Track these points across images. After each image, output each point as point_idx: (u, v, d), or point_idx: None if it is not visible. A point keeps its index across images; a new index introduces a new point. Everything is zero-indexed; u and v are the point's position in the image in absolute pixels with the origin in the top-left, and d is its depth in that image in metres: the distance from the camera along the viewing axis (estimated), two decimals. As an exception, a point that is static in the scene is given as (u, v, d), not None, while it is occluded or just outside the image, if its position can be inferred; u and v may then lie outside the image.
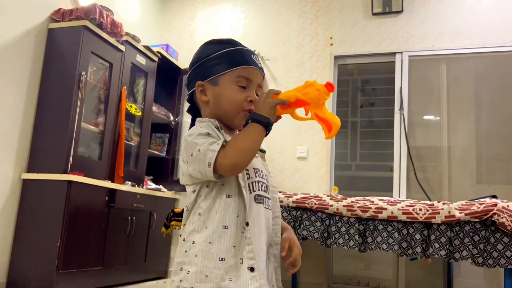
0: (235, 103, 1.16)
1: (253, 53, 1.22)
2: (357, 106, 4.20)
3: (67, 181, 2.80)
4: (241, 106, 1.16)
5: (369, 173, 4.06)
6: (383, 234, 2.52)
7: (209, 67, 1.19)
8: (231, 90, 1.17)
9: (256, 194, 1.14)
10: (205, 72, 1.20)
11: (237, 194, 1.10)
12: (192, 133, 1.11)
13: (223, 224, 1.07)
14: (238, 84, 1.17)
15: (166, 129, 4.26)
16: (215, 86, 1.18)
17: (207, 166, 1.04)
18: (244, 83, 1.17)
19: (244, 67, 1.18)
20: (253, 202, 1.13)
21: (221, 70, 1.18)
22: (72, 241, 2.81)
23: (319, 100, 1.07)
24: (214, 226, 1.07)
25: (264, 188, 1.18)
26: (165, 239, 3.81)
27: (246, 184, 1.12)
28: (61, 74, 3.05)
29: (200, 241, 1.08)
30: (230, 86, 1.17)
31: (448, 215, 2.39)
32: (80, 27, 3.06)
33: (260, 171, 1.19)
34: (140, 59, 3.73)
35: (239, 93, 1.16)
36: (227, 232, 1.07)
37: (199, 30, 4.43)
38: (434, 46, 3.70)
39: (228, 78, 1.17)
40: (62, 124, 2.95)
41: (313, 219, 2.68)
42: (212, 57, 1.20)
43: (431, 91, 3.77)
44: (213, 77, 1.18)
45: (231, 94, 1.16)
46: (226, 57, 1.19)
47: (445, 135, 3.66)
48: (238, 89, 1.17)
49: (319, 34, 4.02)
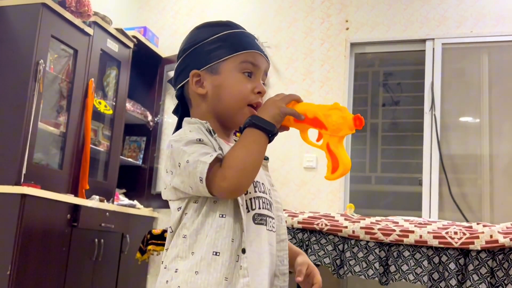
0: (240, 94, 1.16)
1: (254, 37, 1.24)
2: (378, 104, 4.22)
3: (20, 195, 2.79)
4: (247, 98, 1.16)
5: (393, 188, 4.08)
6: (410, 262, 2.53)
7: (206, 52, 1.18)
8: (236, 79, 1.17)
9: (256, 214, 1.14)
10: (200, 59, 1.19)
11: (233, 213, 1.09)
12: (179, 138, 1.10)
13: (213, 250, 1.07)
14: (243, 71, 1.17)
15: (142, 132, 4.27)
16: (214, 76, 1.18)
17: (198, 181, 1.04)
18: (251, 68, 1.18)
19: (249, 51, 1.18)
20: (252, 223, 1.12)
21: (221, 56, 1.17)
22: (25, 269, 2.80)
23: (340, 130, 1.09)
24: (203, 252, 1.07)
25: (267, 206, 1.18)
26: (140, 267, 3.81)
27: (243, 201, 1.11)
28: (14, 63, 3.05)
29: (185, 270, 1.07)
30: (233, 74, 1.17)
31: (489, 240, 2.40)
32: (38, 4, 3.06)
33: (261, 185, 1.19)
34: (111, 45, 3.74)
35: (245, 83, 1.17)
36: (218, 260, 1.06)
37: (184, 10, 4.45)
38: (473, 31, 3.72)
39: (231, 65, 1.17)
40: (14, 124, 2.95)
41: (323, 242, 2.69)
42: (209, 40, 1.19)
43: (469, 87, 3.79)
44: (212, 64, 1.18)
45: (236, 84, 1.16)
46: (227, 40, 1.19)
47: (486, 141, 3.67)
48: (243, 77, 1.17)
49: (331, 16, 4.04)
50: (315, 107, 1.12)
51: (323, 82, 3.95)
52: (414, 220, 2.69)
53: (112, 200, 3.65)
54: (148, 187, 4.18)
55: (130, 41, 3.94)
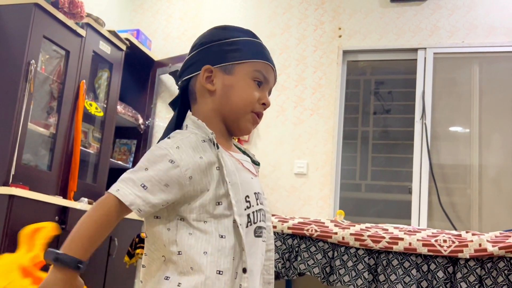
0: (248, 99, 1.17)
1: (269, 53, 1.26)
2: (369, 112, 4.24)
3: (7, 196, 2.77)
4: (252, 105, 1.18)
5: (383, 196, 4.09)
6: (398, 272, 2.53)
7: (223, 51, 1.19)
8: (247, 84, 1.18)
9: (257, 226, 1.14)
10: (216, 57, 1.19)
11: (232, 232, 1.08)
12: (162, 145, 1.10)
13: (217, 269, 1.06)
14: (254, 79, 1.19)
15: (133, 134, 4.25)
16: (227, 75, 1.18)
17: None
18: (262, 79, 1.20)
19: (265, 62, 1.21)
20: (253, 236, 1.12)
21: (239, 58, 1.18)
22: (11, 271, 2.78)
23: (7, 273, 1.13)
24: (208, 271, 1.05)
25: (263, 217, 1.18)
26: (128, 270, 3.78)
27: (245, 215, 1.11)
28: (5, 62, 3.03)
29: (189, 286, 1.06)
30: (246, 79, 1.18)
31: (478, 249, 2.41)
32: (30, 4, 3.05)
33: (260, 196, 1.19)
34: (104, 47, 3.73)
35: (255, 90, 1.19)
36: (221, 279, 1.05)
37: (177, 14, 4.46)
38: (464, 42, 3.76)
39: (246, 70, 1.18)
40: (3, 124, 2.93)
41: (313, 250, 2.69)
42: (229, 41, 1.20)
43: (460, 97, 3.82)
44: (228, 64, 1.18)
45: (247, 88, 1.18)
46: (246, 45, 1.21)
47: (476, 151, 3.70)
48: (254, 85, 1.19)
49: (325, 24, 4.07)
50: None
51: (315, 89, 3.96)
52: (403, 227, 2.70)
53: (101, 203, 3.63)
54: (137, 190, 4.15)
55: (123, 43, 3.93)
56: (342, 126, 3.95)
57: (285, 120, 3.95)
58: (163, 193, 1.05)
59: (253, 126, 1.21)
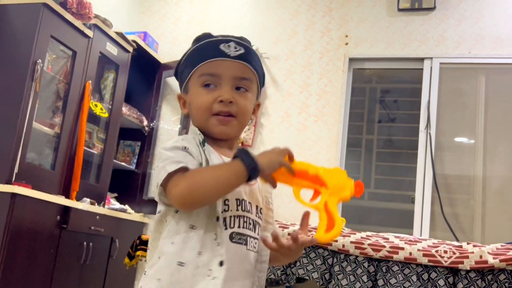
0: (201, 107, 1.18)
1: (227, 41, 1.21)
2: (374, 121, 4.23)
3: (10, 194, 2.78)
4: (208, 109, 1.17)
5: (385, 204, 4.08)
6: (398, 277, 2.53)
7: (180, 74, 1.26)
8: (196, 93, 1.19)
9: (233, 232, 1.12)
10: (180, 82, 1.27)
11: (204, 226, 1.09)
12: (170, 143, 1.14)
13: (178, 260, 1.07)
14: (203, 85, 1.19)
15: (137, 136, 4.26)
16: (187, 95, 1.23)
17: (155, 187, 1.08)
18: (210, 80, 1.18)
19: (206, 62, 1.19)
20: (228, 241, 1.11)
21: (187, 75, 1.22)
22: (12, 269, 2.78)
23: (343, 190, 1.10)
24: (167, 260, 1.08)
25: (248, 225, 1.16)
26: (128, 272, 3.78)
27: (221, 217, 1.11)
28: (12, 61, 3.05)
29: (149, 275, 1.10)
30: (195, 90, 1.20)
31: (479, 261, 2.40)
32: (39, 4, 3.07)
33: (247, 204, 1.18)
34: (110, 48, 3.75)
35: (204, 95, 1.18)
36: (181, 270, 1.06)
37: (185, 17, 4.47)
38: (471, 52, 3.75)
39: (193, 81, 1.21)
40: (8, 122, 2.94)
41: (313, 256, 2.68)
42: (182, 62, 1.25)
43: (465, 108, 3.81)
44: (183, 84, 1.24)
45: (196, 98, 1.19)
46: (190, 56, 1.23)
47: (480, 163, 3.68)
48: (203, 90, 1.18)
49: (332, 31, 4.07)
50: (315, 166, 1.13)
51: (320, 96, 3.96)
52: (404, 237, 2.69)
53: (103, 203, 3.64)
54: (140, 192, 4.16)
55: (130, 45, 3.95)
56: (346, 133, 3.94)
57: (289, 126, 3.95)
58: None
59: (225, 126, 1.18)
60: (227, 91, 1.17)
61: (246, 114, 1.21)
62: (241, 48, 1.20)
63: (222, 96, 1.16)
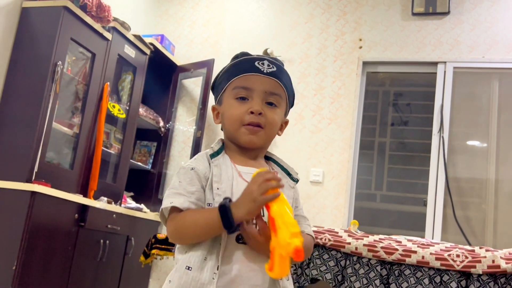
0: (232, 118, 1.25)
1: (261, 59, 1.29)
2: (387, 123, 4.21)
3: (30, 192, 2.80)
4: (239, 120, 1.24)
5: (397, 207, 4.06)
6: (410, 280, 2.51)
7: (216, 87, 1.34)
8: (230, 105, 1.27)
9: (240, 234, 1.17)
10: (215, 94, 1.36)
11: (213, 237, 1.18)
12: (185, 164, 1.26)
13: (187, 265, 1.17)
14: (236, 97, 1.26)
15: (153, 137, 4.28)
16: (221, 107, 1.31)
17: (160, 213, 1.23)
18: (243, 93, 1.26)
19: (240, 76, 1.27)
20: (234, 242, 1.17)
21: (222, 88, 1.30)
22: (30, 265, 2.81)
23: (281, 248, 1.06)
24: (179, 265, 1.18)
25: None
26: (144, 270, 3.81)
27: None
28: (33, 62, 3.08)
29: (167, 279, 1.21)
30: (229, 101, 1.28)
31: (491, 265, 2.38)
32: (59, 7, 3.10)
33: None
34: (128, 50, 3.77)
35: (237, 107, 1.25)
36: (189, 274, 1.15)
37: (201, 21, 4.49)
38: (485, 57, 3.71)
39: (227, 94, 1.29)
40: (29, 122, 2.97)
41: (326, 257, 2.67)
42: (219, 76, 1.34)
43: (479, 112, 3.78)
44: (218, 97, 1.33)
45: (229, 109, 1.27)
46: (227, 71, 1.31)
47: (492, 166, 3.65)
48: (236, 102, 1.26)
49: (346, 34, 4.06)
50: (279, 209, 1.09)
51: (334, 99, 3.95)
52: (417, 240, 2.68)
53: (119, 202, 3.66)
54: (155, 191, 4.18)
55: (147, 47, 3.97)
56: (359, 136, 3.93)
57: (303, 128, 3.95)
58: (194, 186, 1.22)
59: (254, 136, 1.25)
60: (258, 104, 1.24)
61: (273, 127, 1.28)
62: (273, 67, 1.29)
63: (253, 107, 1.23)
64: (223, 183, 1.20)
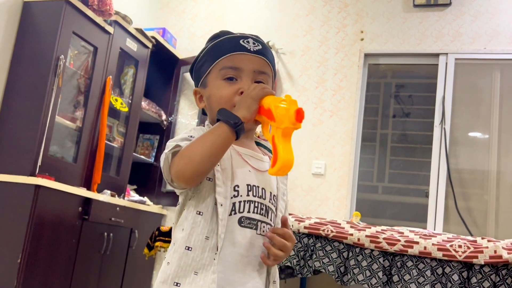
0: (223, 99, 1.19)
1: (245, 37, 1.23)
2: (388, 115, 4.20)
3: (34, 186, 2.81)
4: (229, 101, 1.18)
5: (399, 198, 4.05)
6: (412, 272, 2.51)
7: (198, 69, 1.27)
8: (217, 86, 1.21)
9: (243, 217, 1.14)
10: (196, 77, 1.28)
11: (211, 212, 1.12)
12: (178, 136, 1.17)
13: (186, 245, 1.11)
14: (224, 78, 1.20)
15: (156, 130, 4.28)
16: (205, 89, 1.25)
17: (163, 169, 1.12)
18: (232, 73, 1.20)
19: (227, 56, 1.21)
20: (237, 225, 1.13)
21: (206, 70, 1.24)
22: (35, 258, 2.82)
23: (282, 122, 1.04)
24: (177, 245, 1.12)
25: (260, 211, 1.18)
26: (147, 262, 3.81)
27: (229, 202, 1.13)
28: (36, 57, 3.08)
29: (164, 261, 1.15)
30: (216, 83, 1.21)
31: (493, 255, 2.38)
32: (61, 1, 3.09)
33: (259, 189, 1.19)
34: (130, 44, 3.76)
35: (226, 88, 1.19)
36: (189, 254, 1.10)
37: (202, 14, 4.47)
38: (486, 48, 3.69)
39: (213, 75, 1.22)
40: (32, 116, 2.98)
41: (328, 249, 2.67)
42: (199, 59, 1.27)
43: (480, 103, 3.76)
44: (202, 79, 1.25)
45: (218, 91, 1.20)
46: (210, 52, 1.24)
47: (494, 157, 3.64)
48: (224, 83, 1.20)
49: (347, 27, 4.04)
50: (271, 99, 1.09)
51: (336, 91, 3.94)
52: (419, 231, 2.68)
53: (123, 195, 3.67)
54: (158, 184, 4.19)
55: (149, 41, 3.96)
56: (361, 128, 3.92)
57: (305, 121, 3.88)
58: None
59: None
60: (248, 83, 1.18)
61: None
62: (259, 44, 1.23)
63: (243, 88, 1.17)
64: (224, 160, 1.14)
